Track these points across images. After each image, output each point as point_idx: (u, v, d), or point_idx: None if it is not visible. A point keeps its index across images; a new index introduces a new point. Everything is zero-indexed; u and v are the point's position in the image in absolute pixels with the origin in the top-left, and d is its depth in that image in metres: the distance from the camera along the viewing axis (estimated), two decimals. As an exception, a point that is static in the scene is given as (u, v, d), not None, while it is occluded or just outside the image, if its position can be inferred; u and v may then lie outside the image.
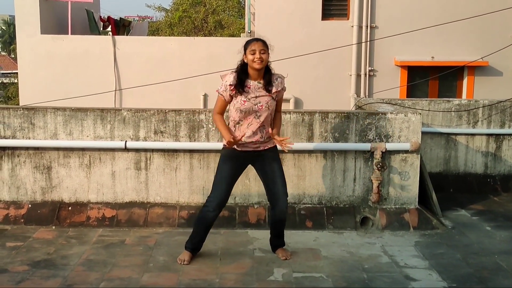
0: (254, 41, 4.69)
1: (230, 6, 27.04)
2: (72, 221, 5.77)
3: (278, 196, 4.87)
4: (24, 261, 4.82)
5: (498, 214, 6.41)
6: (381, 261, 4.98)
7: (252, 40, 4.75)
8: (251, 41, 4.71)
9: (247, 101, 4.69)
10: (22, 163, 5.88)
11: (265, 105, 4.72)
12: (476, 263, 4.97)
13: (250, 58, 4.66)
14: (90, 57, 11.45)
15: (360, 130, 5.88)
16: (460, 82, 11.90)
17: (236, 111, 4.73)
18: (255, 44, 4.66)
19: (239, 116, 4.74)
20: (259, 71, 4.71)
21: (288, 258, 4.94)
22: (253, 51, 4.64)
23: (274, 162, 4.88)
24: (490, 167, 7.44)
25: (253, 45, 4.65)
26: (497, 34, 11.44)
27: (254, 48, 4.64)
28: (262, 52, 4.64)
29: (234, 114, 4.77)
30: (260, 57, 4.63)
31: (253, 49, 4.64)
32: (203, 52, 11.51)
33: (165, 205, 5.89)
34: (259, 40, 4.70)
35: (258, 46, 4.64)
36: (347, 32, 11.55)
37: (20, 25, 11.48)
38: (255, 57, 4.63)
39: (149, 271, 4.67)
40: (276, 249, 5.06)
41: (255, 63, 4.64)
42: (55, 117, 5.83)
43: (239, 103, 4.70)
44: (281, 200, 4.87)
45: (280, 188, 4.87)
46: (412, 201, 5.97)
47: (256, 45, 4.65)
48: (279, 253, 5.02)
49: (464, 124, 7.37)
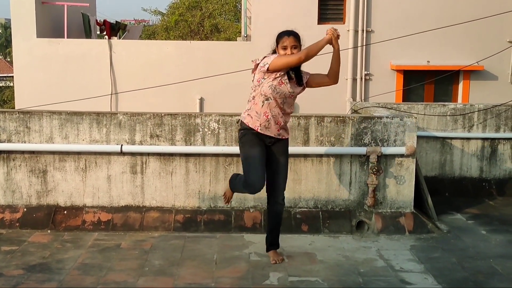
0: (286, 36, 4.62)
1: (226, 10, 27.05)
2: (68, 225, 5.76)
3: (276, 188, 4.87)
4: (19, 265, 4.81)
5: (493, 218, 6.43)
6: (377, 265, 4.98)
7: (284, 34, 4.66)
8: (283, 35, 4.63)
9: (284, 84, 4.64)
10: (18, 167, 5.87)
11: (295, 96, 4.77)
12: (472, 267, 4.98)
13: (281, 53, 4.62)
14: (86, 60, 11.44)
15: (355, 134, 5.89)
16: (456, 86, 11.93)
17: (270, 87, 4.62)
18: (287, 39, 4.61)
19: (271, 94, 4.63)
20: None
21: (278, 262, 4.92)
22: (285, 47, 4.61)
23: (284, 155, 4.87)
24: (485, 171, 7.46)
25: (285, 41, 4.60)
26: (493, 38, 11.48)
27: (286, 44, 4.60)
28: (294, 48, 4.61)
29: (266, 90, 4.64)
30: (292, 53, 4.60)
31: (285, 45, 4.61)
32: (199, 56, 11.52)
33: (161, 209, 5.88)
34: (291, 35, 4.63)
35: (289, 42, 4.60)
36: (343, 36, 11.50)
37: (16, 28, 11.46)
38: (287, 52, 4.60)
39: (144, 275, 4.67)
40: (269, 249, 5.04)
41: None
42: (51, 120, 5.83)
43: (278, 81, 4.61)
44: (279, 192, 4.88)
45: (281, 182, 4.88)
46: (408, 205, 5.98)
47: (288, 40, 4.60)
48: (270, 255, 5.01)
49: (459, 128, 7.40)
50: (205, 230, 5.74)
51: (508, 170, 7.46)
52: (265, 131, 4.71)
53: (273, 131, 4.73)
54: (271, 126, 4.71)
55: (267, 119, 4.68)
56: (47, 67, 11.37)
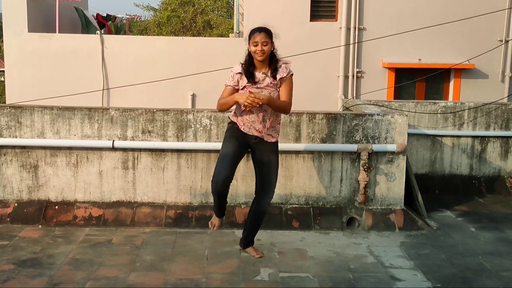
0: (257, 32, 4.65)
1: (219, 6, 27.05)
2: (59, 220, 5.75)
3: (265, 189, 4.88)
4: (10, 260, 4.80)
5: (482, 216, 6.48)
6: (367, 261, 5.02)
7: (255, 30, 4.68)
8: (254, 32, 4.66)
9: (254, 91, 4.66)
10: (9, 161, 5.85)
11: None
12: (461, 263, 5.02)
13: (252, 50, 4.64)
14: (78, 55, 11.41)
15: (347, 131, 5.92)
16: (447, 84, 12.01)
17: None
18: (258, 35, 4.62)
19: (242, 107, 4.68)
20: (263, 62, 4.68)
21: (262, 256, 4.97)
22: (256, 43, 4.62)
23: (273, 155, 4.87)
24: (475, 169, 7.51)
25: (256, 37, 4.62)
26: (484, 37, 11.57)
27: (257, 40, 4.62)
28: (264, 44, 4.62)
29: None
30: (262, 49, 4.61)
31: (256, 41, 4.62)
32: (191, 52, 11.52)
33: (152, 205, 5.89)
34: (261, 31, 4.65)
35: (260, 38, 4.61)
36: (335, 34, 11.61)
37: (7, 23, 11.40)
38: (257, 49, 4.61)
39: (135, 270, 4.68)
40: (247, 246, 5.06)
41: (257, 54, 4.62)
42: (42, 115, 5.82)
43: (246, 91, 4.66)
44: (267, 194, 4.89)
45: (270, 184, 4.89)
46: (398, 202, 6.02)
47: (258, 36, 4.62)
48: (250, 251, 5.02)
49: (450, 126, 7.44)
50: (196, 226, 5.75)
51: (498, 168, 7.52)
52: (248, 131, 4.76)
53: (256, 132, 4.76)
54: (254, 128, 4.74)
55: (249, 121, 4.73)
56: (38, 62, 11.34)
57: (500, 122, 7.47)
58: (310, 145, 5.91)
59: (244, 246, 5.08)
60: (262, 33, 4.63)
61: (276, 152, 4.91)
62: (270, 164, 4.86)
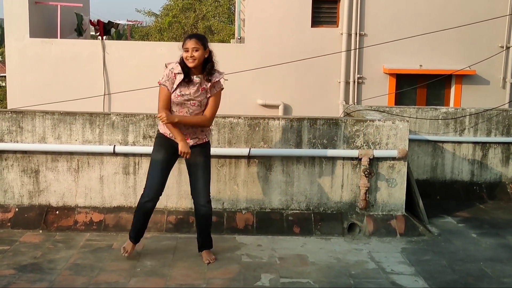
0: (188, 39, 4.71)
1: (220, 12, 27.09)
2: (60, 225, 5.74)
3: (198, 191, 4.87)
4: (10, 265, 4.79)
5: (483, 222, 6.47)
6: (368, 267, 5.01)
7: (187, 37, 4.76)
8: (186, 38, 4.73)
9: (181, 96, 4.72)
10: (10, 166, 5.85)
11: (197, 103, 4.76)
12: (462, 269, 5.01)
13: (184, 56, 4.69)
14: (79, 61, 11.43)
15: (348, 137, 5.92)
16: (448, 90, 12.01)
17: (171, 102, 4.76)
18: (188, 42, 4.68)
19: (172, 107, 4.76)
20: (196, 68, 4.72)
21: (211, 262, 4.93)
22: (187, 49, 4.67)
23: (201, 157, 4.87)
24: (476, 175, 7.51)
25: (187, 43, 4.67)
26: (485, 43, 11.58)
27: (187, 46, 4.67)
28: (195, 50, 4.66)
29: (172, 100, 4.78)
30: (192, 55, 4.65)
31: (187, 47, 4.67)
32: (192, 57, 11.51)
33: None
34: (192, 38, 4.72)
35: (190, 44, 4.66)
36: (336, 40, 11.62)
37: (9, 28, 11.43)
38: (188, 55, 4.66)
39: (136, 275, 4.67)
40: (201, 250, 5.05)
41: (188, 61, 4.67)
42: (44, 120, 5.82)
43: (174, 95, 4.72)
44: (201, 195, 4.86)
45: (201, 185, 4.86)
46: (399, 208, 6.01)
47: (189, 43, 4.67)
48: (203, 255, 5.01)
49: (451, 132, 7.44)
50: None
51: (499, 174, 7.51)
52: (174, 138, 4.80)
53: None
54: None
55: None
56: (39, 67, 11.35)
57: (501, 128, 7.47)
58: (311, 151, 5.91)
59: (199, 250, 5.07)
60: (192, 39, 4.70)
61: (205, 154, 4.92)
62: (200, 165, 4.87)
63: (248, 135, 5.87)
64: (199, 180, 4.89)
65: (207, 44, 4.76)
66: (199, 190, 4.90)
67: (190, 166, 4.94)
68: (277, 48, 11.33)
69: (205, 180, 4.91)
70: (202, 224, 5.03)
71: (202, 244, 5.07)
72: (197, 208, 4.96)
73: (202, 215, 4.96)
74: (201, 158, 4.89)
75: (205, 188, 4.90)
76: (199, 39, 4.73)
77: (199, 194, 4.90)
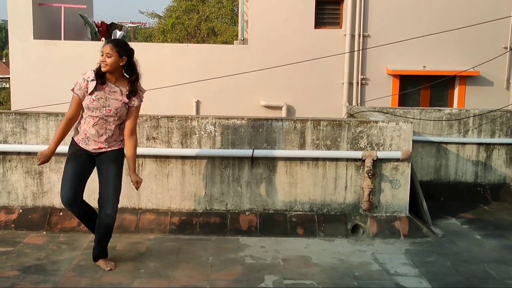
0: (106, 44, 4.69)
1: (223, 14, 27.08)
2: (63, 226, 5.75)
3: (105, 199, 4.71)
4: (14, 266, 4.80)
5: (488, 223, 6.46)
6: (372, 268, 5.00)
7: (106, 41, 4.75)
8: (104, 43, 4.72)
9: (96, 101, 4.66)
10: (14, 168, 5.86)
11: (113, 110, 4.69)
12: (466, 271, 5.00)
13: (101, 59, 4.67)
14: (82, 62, 11.40)
15: (351, 138, 5.91)
16: (451, 92, 11.99)
17: (85, 107, 4.70)
18: (104, 46, 4.67)
19: (86, 112, 4.70)
20: (112, 74, 4.69)
21: (112, 268, 4.78)
22: (102, 53, 4.66)
23: (112, 164, 4.75)
24: (480, 176, 7.49)
25: (103, 48, 4.66)
26: (488, 44, 11.55)
27: (102, 50, 4.66)
28: (108, 56, 4.62)
29: (84, 109, 4.73)
30: (104, 60, 4.63)
31: (102, 51, 4.66)
32: (196, 59, 11.54)
33: (156, 211, 5.89)
34: (108, 43, 4.68)
35: (105, 49, 4.64)
36: (339, 41, 11.61)
37: (13, 30, 11.46)
38: (101, 59, 4.65)
39: (139, 277, 4.67)
40: (97, 259, 4.85)
41: (100, 65, 4.66)
42: (48, 122, 5.83)
43: (89, 100, 4.66)
44: (107, 204, 4.69)
45: (109, 192, 4.70)
46: (403, 209, 6.00)
47: (104, 47, 4.66)
48: (101, 264, 4.82)
49: (455, 133, 7.43)
50: (200, 233, 5.74)
51: (503, 175, 7.49)
52: (85, 146, 4.75)
53: (93, 146, 4.74)
54: (90, 142, 4.73)
55: (86, 136, 4.73)
56: (43, 68, 11.37)
57: (505, 129, 7.45)
58: (315, 152, 5.90)
59: (94, 259, 4.87)
60: (108, 45, 4.67)
61: (117, 161, 4.80)
62: (108, 172, 4.74)
63: (251, 137, 5.87)
64: (106, 188, 4.72)
65: (124, 53, 4.68)
66: (104, 198, 4.71)
67: (101, 174, 4.77)
68: (280, 49, 11.32)
69: (113, 189, 4.73)
70: (102, 233, 4.80)
71: (98, 253, 4.85)
72: (101, 217, 4.73)
73: (105, 224, 4.74)
74: (114, 166, 4.75)
75: (113, 197, 4.72)
76: (115, 46, 4.65)
77: (104, 202, 4.71)
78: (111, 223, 4.77)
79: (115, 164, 4.78)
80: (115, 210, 4.75)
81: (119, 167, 4.81)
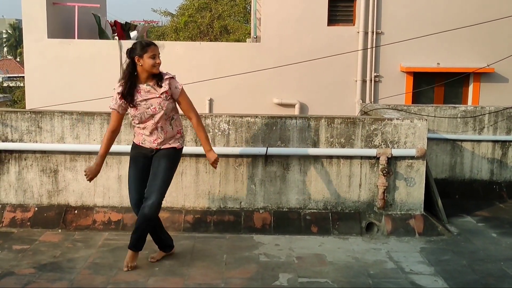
0: (153, 46, 4.74)
1: (236, 12, 27.10)
2: (78, 224, 5.79)
3: (151, 188, 4.72)
4: (30, 264, 4.84)
5: (504, 221, 6.40)
6: (387, 267, 4.98)
7: (150, 44, 4.77)
8: (150, 45, 4.74)
9: (138, 107, 4.74)
10: (29, 166, 5.90)
11: (158, 107, 4.74)
12: (482, 269, 4.96)
13: (150, 63, 4.67)
14: (96, 61, 11.49)
15: (366, 136, 5.89)
16: (466, 89, 11.89)
17: (132, 117, 4.83)
18: (155, 48, 4.72)
19: (137, 119, 4.81)
20: (143, 75, 4.74)
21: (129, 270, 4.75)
22: (154, 56, 4.69)
23: (164, 158, 4.81)
24: (496, 174, 7.43)
25: (154, 50, 4.70)
26: (503, 41, 11.44)
27: (155, 53, 4.69)
28: (159, 56, 4.73)
29: (133, 119, 4.86)
30: (160, 61, 4.71)
31: (154, 54, 4.69)
32: (208, 57, 11.54)
33: (170, 209, 5.90)
34: (156, 45, 4.77)
35: (158, 51, 4.72)
36: (353, 38, 11.55)
37: (27, 29, 11.52)
38: (156, 62, 4.69)
39: (155, 275, 4.69)
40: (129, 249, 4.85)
41: (155, 68, 4.70)
42: (62, 120, 5.86)
43: (132, 110, 4.77)
44: (152, 193, 4.70)
45: (156, 181, 4.73)
46: (418, 207, 5.97)
47: (156, 49, 4.71)
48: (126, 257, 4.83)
49: (470, 130, 7.37)
50: (214, 231, 5.75)
51: (519, 173, 7.42)
52: (144, 144, 4.86)
53: (149, 145, 4.84)
54: (146, 144, 4.84)
55: (143, 138, 4.86)
56: (58, 67, 11.43)
57: (521, 126, 7.38)
58: (329, 150, 5.88)
59: (129, 246, 4.86)
60: (158, 47, 4.76)
61: (169, 157, 4.84)
62: (160, 165, 4.80)
63: (265, 135, 5.86)
64: (152, 179, 4.78)
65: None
66: (149, 190, 4.75)
67: (152, 167, 4.84)
68: (293, 47, 11.29)
69: (162, 184, 4.76)
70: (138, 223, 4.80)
71: (130, 243, 4.84)
72: (143, 206, 4.71)
73: (142, 214, 4.72)
74: (164, 161, 4.82)
75: (155, 189, 4.73)
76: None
77: (148, 194, 4.74)
78: (149, 213, 4.68)
79: (167, 158, 4.85)
80: (158, 202, 4.72)
81: (172, 162, 4.88)
